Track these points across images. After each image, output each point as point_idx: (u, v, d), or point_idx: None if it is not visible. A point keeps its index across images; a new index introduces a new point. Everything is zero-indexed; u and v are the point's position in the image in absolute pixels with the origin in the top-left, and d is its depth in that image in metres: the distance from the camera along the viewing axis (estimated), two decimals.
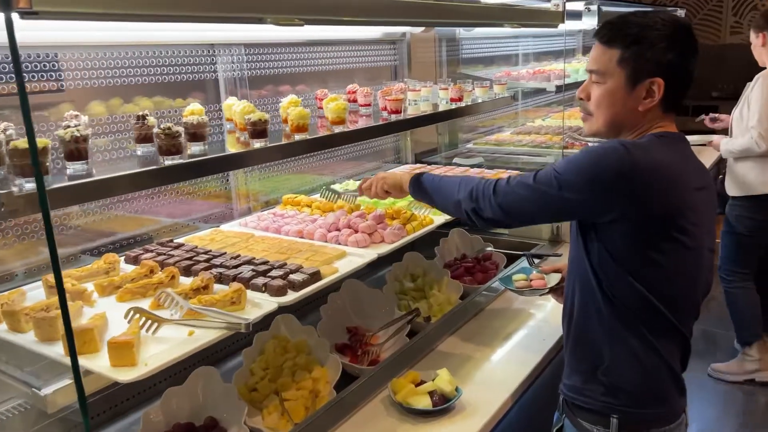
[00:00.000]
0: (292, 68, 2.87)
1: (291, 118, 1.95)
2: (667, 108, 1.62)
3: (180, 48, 2.37)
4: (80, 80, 2.10)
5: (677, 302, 1.61)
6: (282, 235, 2.35)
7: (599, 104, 1.64)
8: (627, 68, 1.58)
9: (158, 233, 2.39)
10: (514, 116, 5.05)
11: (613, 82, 1.60)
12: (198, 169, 1.60)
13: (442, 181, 1.94)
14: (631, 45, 1.57)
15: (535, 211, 1.67)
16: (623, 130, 1.66)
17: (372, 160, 3.49)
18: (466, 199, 1.78)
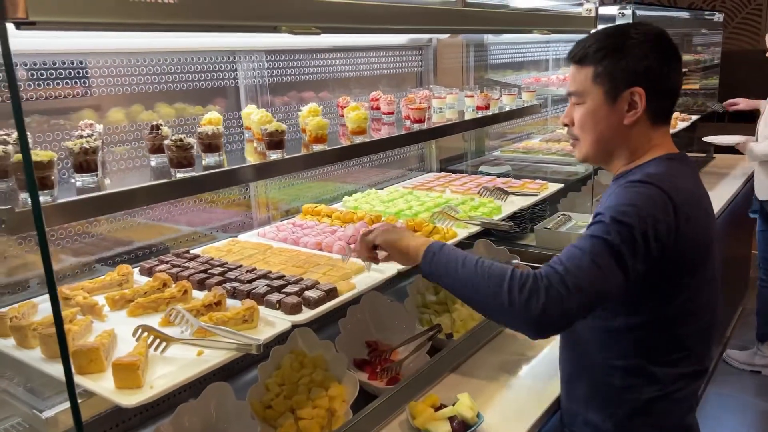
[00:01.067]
0: (315, 75, 2.81)
1: (309, 128, 1.89)
2: (656, 119, 1.53)
3: (201, 55, 2.33)
4: (104, 87, 2.06)
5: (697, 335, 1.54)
6: (300, 247, 2.28)
7: (583, 126, 1.56)
8: (604, 83, 1.50)
9: (176, 242, 2.35)
10: (543, 123, 4.92)
11: (592, 101, 1.53)
12: (210, 183, 1.54)
13: (475, 264, 1.46)
14: (603, 59, 1.50)
15: None
16: (615, 151, 1.57)
17: (396, 168, 3.41)
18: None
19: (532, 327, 1.33)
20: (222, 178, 1.55)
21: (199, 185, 1.53)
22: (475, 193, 2.93)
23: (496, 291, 1.35)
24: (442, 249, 1.55)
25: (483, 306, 1.43)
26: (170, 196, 1.48)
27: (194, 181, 1.50)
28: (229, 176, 1.57)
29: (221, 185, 1.61)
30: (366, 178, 3.26)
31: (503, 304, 1.34)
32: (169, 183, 1.43)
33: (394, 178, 3.38)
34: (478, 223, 2.46)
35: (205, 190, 1.61)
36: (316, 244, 2.26)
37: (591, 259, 1.31)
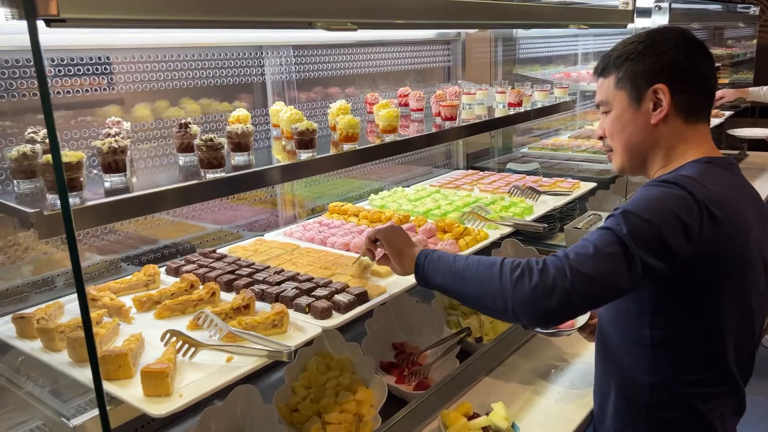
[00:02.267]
0: (342, 70, 2.76)
1: (340, 127, 1.83)
2: (688, 116, 1.46)
3: (227, 50, 2.28)
4: (131, 83, 2.03)
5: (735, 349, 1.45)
6: (328, 248, 2.23)
7: (612, 134, 1.53)
8: (626, 86, 1.48)
9: (202, 241, 2.32)
10: (572, 119, 4.82)
11: (618, 106, 1.50)
12: (241, 184, 1.50)
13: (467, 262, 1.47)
14: (623, 64, 1.48)
15: None
16: (648, 155, 1.51)
17: (422, 165, 3.35)
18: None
19: (524, 310, 1.30)
20: (253, 179, 1.51)
21: (230, 186, 1.48)
22: (506, 192, 2.85)
23: (489, 275, 1.36)
24: (434, 252, 1.59)
25: (478, 295, 1.41)
26: (201, 197, 1.44)
27: (225, 182, 1.45)
28: (260, 177, 1.52)
29: (252, 186, 1.57)
30: (392, 175, 3.20)
31: (494, 286, 1.34)
32: (200, 184, 1.39)
33: (421, 175, 3.31)
34: (509, 224, 2.39)
35: (236, 192, 1.56)
36: (344, 245, 2.21)
37: (594, 247, 1.27)
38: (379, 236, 1.74)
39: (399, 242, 1.68)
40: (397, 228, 1.76)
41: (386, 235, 1.72)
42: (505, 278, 1.32)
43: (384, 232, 1.73)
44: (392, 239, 1.70)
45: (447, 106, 2.24)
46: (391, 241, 1.69)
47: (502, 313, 1.35)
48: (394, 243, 1.69)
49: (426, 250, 1.61)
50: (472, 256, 1.47)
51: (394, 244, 1.68)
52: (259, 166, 1.58)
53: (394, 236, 1.71)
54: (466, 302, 1.50)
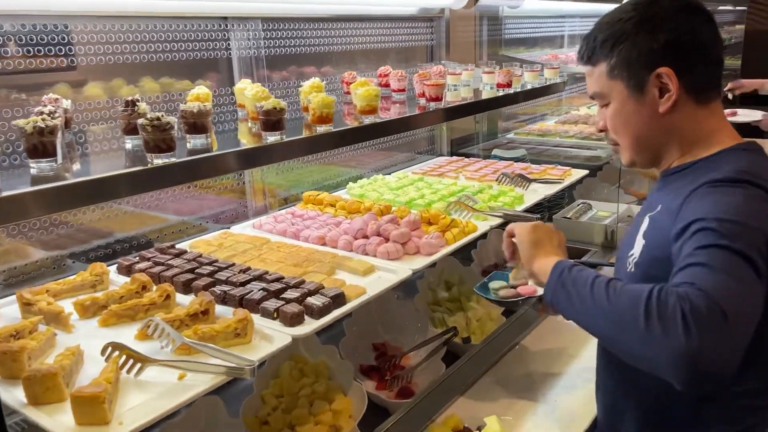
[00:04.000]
0: (316, 47, 2.53)
1: (313, 106, 1.62)
2: (699, 95, 1.26)
3: (189, 21, 2.04)
4: (83, 56, 1.79)
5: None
6: (301, 242, 2.02)
7: (616, 129, 1.32)
8: (622, 75, 1.27)
9: (161, 235, 2.09)
10: (558, 103, 4.64)
11: (616, 99, 1.29)
12: (193, 172, 1.28)
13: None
14: (612, 49, 1.26)
15: None
16: (661, 147, 1.32)
17: (404, 151, 3.14)
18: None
19: (679, 365, 0.99)
20: (208, 166, 1.29)
21: (180, 174, 1.26)
22: (493, 180, 2.66)
23: (633, 315, 1.04)
24: (572, 268, 1.23)
25: (615, 335, 1.11)
26: (144, 186, 1.21)
27: (173, 169, 1.23)
28: (216, 163, 1.30)
29: (208, 174, 1.35)
30: (371, 162, 2.99)
31: (640, 330, 1.03)
32: (142, 172, 1.17)
33: (402, 162, 3.11)
34: (499, 214, 2.19)
35: (188, 180, 1.34)
36: (319, 239, 2.00)
37: (726, 274, 1.02)
38: (516, 232, 1.43)
39: (534, 246, 1.35)
40: (538, 226, 1.43)
41: (521, 233, 1.41)
42: (652, 323, 1.01)
43: (520, 228, 1.43)
44: (526, 239, 1.38)
45: (432, 85, 2.04)
46: (525, 241, 1.38)
47: (649, 365, 1.06)
48: (527, 245, 1.36)
49: (564, 262, 1.24)
50: (612, 281, 1.13)
51: (527, 247, 1.36)
52: (219, 150, 1.36)
53: (530, 236, 1.38)
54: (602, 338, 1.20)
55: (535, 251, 1.35)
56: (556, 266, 1.23)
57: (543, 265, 1.30)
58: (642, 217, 1.35)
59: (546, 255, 1.33)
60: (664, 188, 1.33)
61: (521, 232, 1.41)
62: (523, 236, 1.39)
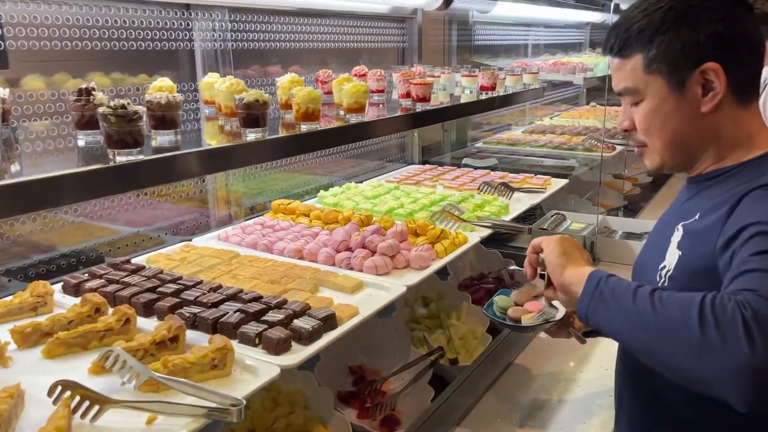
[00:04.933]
0: (284, 43, 2.33)
1: (298, 101, 1.42)
2: (743, 95, 1.15)
3: (146, 7, 1.81)
4: (18, 42, 1.54)
5: None
6: (275, 255, 1.81)
7: (648, 129, 1.19)
8: (662, 70, 1.14)
9: (113, 248, 1.83)
10: (521, 113, 4.58)
11: (653, 95, 1.16)
12: (166, 172, 1.06)
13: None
14: (652, 40, 1.14)
15: None
16: (697, 150, 1.19)
17: (374, 159, 2.96)
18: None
19: (741, 380, 0.87)
20: (184, 165, 1.08)
21: (150, 174, 1.04)
22: (474, 189, 2.52)
23: (685, 323, 0.92)
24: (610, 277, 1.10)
25: (663, 348, 0.98)
26: (102, 189, 0.99)
27: (142, 168, 1.01)
28: (194, 162, 1.09)
29: (182, 174, 1.13)
30: (339, 169, 2.80)
31: (694, 340, 0.91)
32: (99, 172, 0.95)
33: (372, 170, 2.93)
34: (487, 224, 2.04)
35: (159, 182, 1.12)
36: (296, 252, 1.79)
37: None
38: (544, 245, 1.26)
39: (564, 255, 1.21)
40: (566, 239, 1.28)
41: (550, 244, 1.24)
42: (709, 332, 0.90)
43: (549, 240, 1.27)
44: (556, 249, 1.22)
45: (420, 84, 1.87)
46: (554, 251, 1.22)
47: (701, 382, 0.93)
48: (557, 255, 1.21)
49: (599, 272, 1.12)
50: (661, 291, 1.01)
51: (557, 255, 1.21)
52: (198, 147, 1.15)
53: (559, 246, 1.23)
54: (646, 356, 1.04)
55: (565, 261, 1.20)
56: (592, 275, 1.10)
57: (576, 275, 1.15)
58: (672, 226, 1.21)
59: (578, 265, 1.18)
60: (699, 194, 1.20)
61: (550, 242, 1.25)
62: (552, 246, 1.23)
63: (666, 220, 1.32)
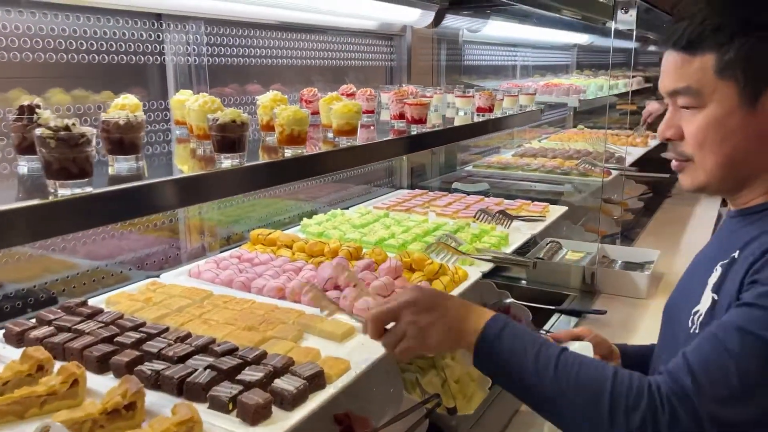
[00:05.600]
0: (265, 59, 2.14)
1: (282, 122, 1.23)
2: None
3: (112, 16, 1.62)
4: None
5: None
6: (253, 295, 1.60)
7: (703, 142, 1.03)
8: (737, 77, 0.98)
9: (69, 287, 1.61)
10: (509, 136, 4.44)
11: (719, 104, 1.00)
12: (119, 208, 0.86)
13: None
14: (732, 39, 0.97)
15: None
16: (751, 176, 1.05)
17: (359, 183, 2.78)
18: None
19: None
20: (145, 200, 0.88)
21: (99, 211, 0.84)
22: (469, 216, 2.34)
23: (593, 401, 0.92)
24: (509, 324, 1.02)
25: (568, 421, 0.97)
26: (36, 231, 0.78)
27: (88, 204, 0.82)
28: (157, 196, 0.89)
29: (142, 211, 0.93)
30: (324, 195, 2.61)
31: (601, 424, 0.91)
32: (33, 209, 0.75)
33: (359, 195, 2.75)
34: (488, 258, 1.87)
35: (111, 221, 0.92)
36: (277, 291, 1.59)
37: (741, 375, 0.86)
38: (406, 314, 1.06)
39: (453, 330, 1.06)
40: (420, 298, 1.08)
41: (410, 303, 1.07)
42: (618, 420, 0.90)
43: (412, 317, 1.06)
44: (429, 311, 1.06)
45: (415, 104, 1.70)
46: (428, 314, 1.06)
47: None
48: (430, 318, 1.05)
49: (500, 317, 1.04)
50: (562, 354, 0.97)
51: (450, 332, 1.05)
52: (160, 177, 0.95)
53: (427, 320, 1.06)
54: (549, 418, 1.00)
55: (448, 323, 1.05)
56: (491, 324, 1.02)
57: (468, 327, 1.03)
58: (710, 264, 1.05)
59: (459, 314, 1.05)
60: (743, 230, 1.04)
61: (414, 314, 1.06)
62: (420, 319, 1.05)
63: (705, 256, 1.16)
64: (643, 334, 2.26)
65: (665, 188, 4.71)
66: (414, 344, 1.05)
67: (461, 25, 3.17)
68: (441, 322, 1.04)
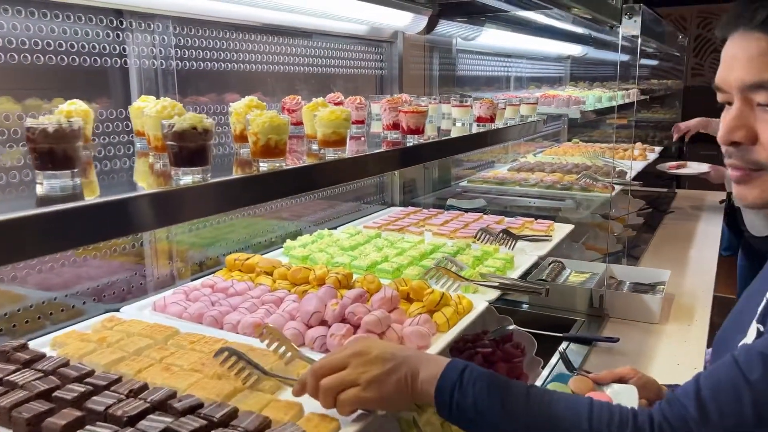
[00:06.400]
0: (243, 64, 1.94)
1: (255, 130, 1.03)
2: None
3: (64, 12, 1.41)
4: None
5: None
6: (226, 333, 1.38)
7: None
8: None
9: (12, 324, 1.38)
10: (503, 150, 4.27)
11: None
12: (39, 240, 0.65)
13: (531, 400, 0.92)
14: None
15: None
16: None
17: (347, 200, 2.57)
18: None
19: None
20: (71, 228, 0.67)
21: (7, 248, 0.63)
22: (469, 236, 2.14)
23: None
24: (464, 373, 0.94)
25: None
26: None
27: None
28: (87, 223, 0.68)
29: (62, 244, 0.72)
30: (309, 213, 2.40)
31: None
32: None
33: (347, 213, 2.54)
34: (494, 284, 1.66)
35: (19, 258, 0.70)
36: (254, 327, 1.37)
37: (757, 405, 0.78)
38: (355, 364, 0.98)
39: (389, 383, 0.97)
40: (380, 343, 1.04)
41: (370, 359, 0.98)
42: None
43: (361, 355, 0.98)
44: (382, 362, 0.98)
45: (411, 112, 1.50)
46: (380, 365, 0.98)
47: None
48: (383, 368, 0.97)
49: (457, 362, 0.97)
50: (531, 391, 0.93)
51: (384, 371, 0.97)
52: (90, 200, 0.74)
53: (375, 375, 0.97)
54: None
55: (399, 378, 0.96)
56: (449, 369, 0.94)
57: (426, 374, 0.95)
58: (759, 295, 0.89)
59: (410, 369, 0.96)
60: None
61: (359, 351, 0.99)
62: (367, 376, 0.97)
63: (757, 285, 0.99)
64: (660, 364, 2.06)
65: (664, 203, 4.55)
66: (363, 394, 0.94)
67: (455, 33, 2.99)
68: (395, 373, 0.95)
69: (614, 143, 4.55)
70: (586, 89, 4.54)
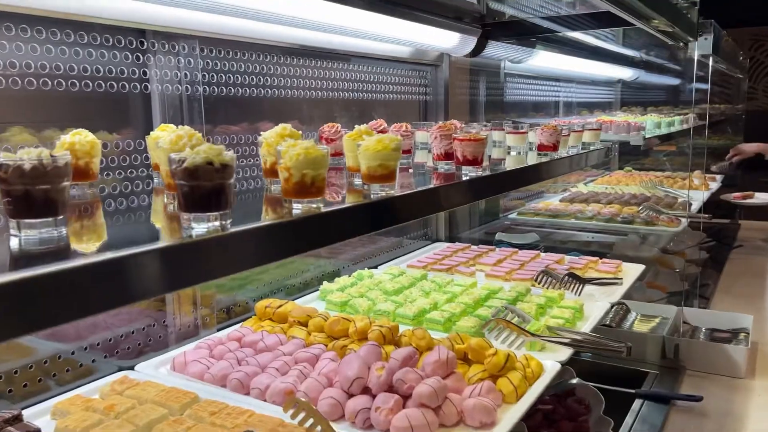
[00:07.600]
0: (277, 89, 1.77)
1: (288, 164, 0.83)
2: None
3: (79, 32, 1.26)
4: None
5: None
6: (253, 400, 1.17)
7: None
8: None
9: (9, 386, 1.20)
10: (552, 180, 4.02)
11: None
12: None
13: None
14: None
15: None
16: None
17: (389, 235, 2.36)
18: None
19: None
20: (45, 305, 0.48)
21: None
22: (527, 278, 1.90)
23: None
24: None
25: None
26: None
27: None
28: (65, 297, 0.49)
29: (41, 322, 0.53)
30: (345, 250, 2.19)
31: None
32: None
33: (388, 250, 2.33)
34: (568, 341, 1.41)
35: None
36: (285, 395, 1.16)
37: None
38: None
39: None
40: None
41: None
42: None
43: None
44: None
45: (469, 140, 1.29)
46: None
47: None
48: None
49: None
50: None
51: None
52: (67, 262, 0.55)
53: None
54: None
55: None
56: None
57: None
58: None
59: None
60: None
61: None
62: None
63: None
64: (754, 428, 1.77)
65: (728, 235, 4.21)
66: None
67: (503, 55, 2.79)
68: None
69: (671, 171, 4.27)
70: (639, 114, 4.28)
